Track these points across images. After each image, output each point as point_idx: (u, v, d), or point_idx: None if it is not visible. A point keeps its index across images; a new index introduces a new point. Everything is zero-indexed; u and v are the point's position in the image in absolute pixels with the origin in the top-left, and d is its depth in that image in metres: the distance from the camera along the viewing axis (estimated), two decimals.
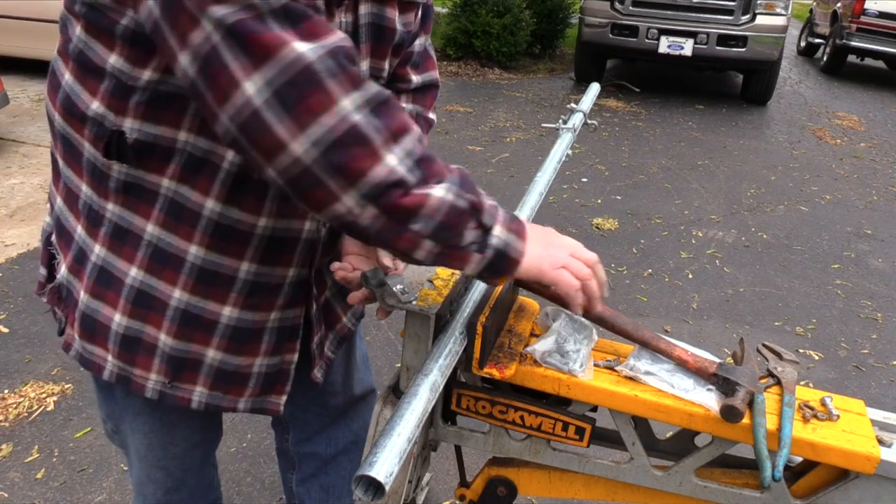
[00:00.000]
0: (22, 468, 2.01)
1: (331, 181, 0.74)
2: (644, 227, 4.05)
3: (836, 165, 5.59)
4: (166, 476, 1.20)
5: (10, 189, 3.92)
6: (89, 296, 0.98)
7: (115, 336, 0.99)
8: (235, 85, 0.71)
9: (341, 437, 1.41)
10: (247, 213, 0.93)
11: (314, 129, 0.72)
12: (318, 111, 0.72)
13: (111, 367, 1.01)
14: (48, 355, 2.49)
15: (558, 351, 1.04)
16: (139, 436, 1.14)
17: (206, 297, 0.97)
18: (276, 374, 1.08)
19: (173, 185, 0.90)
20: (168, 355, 1.00)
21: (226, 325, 1.00)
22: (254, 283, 0.99)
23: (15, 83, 5.92)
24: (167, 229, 0.92)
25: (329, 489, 1.44)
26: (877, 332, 3.10)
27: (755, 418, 0.98)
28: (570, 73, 8.41)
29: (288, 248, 0.99)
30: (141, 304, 0.97)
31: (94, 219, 0.94)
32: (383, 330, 2.79)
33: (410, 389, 0.82)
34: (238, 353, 1.03)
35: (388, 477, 0.68)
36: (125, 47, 0.82)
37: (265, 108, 0.71)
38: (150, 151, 0.88)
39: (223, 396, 1.05)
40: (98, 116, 0.87)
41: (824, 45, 10.29)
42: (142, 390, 1.02)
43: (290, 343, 1.08)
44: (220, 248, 0.94)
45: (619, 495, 1.15)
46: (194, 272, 0.95)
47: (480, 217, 0.83)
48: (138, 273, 0.95)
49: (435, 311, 1.01)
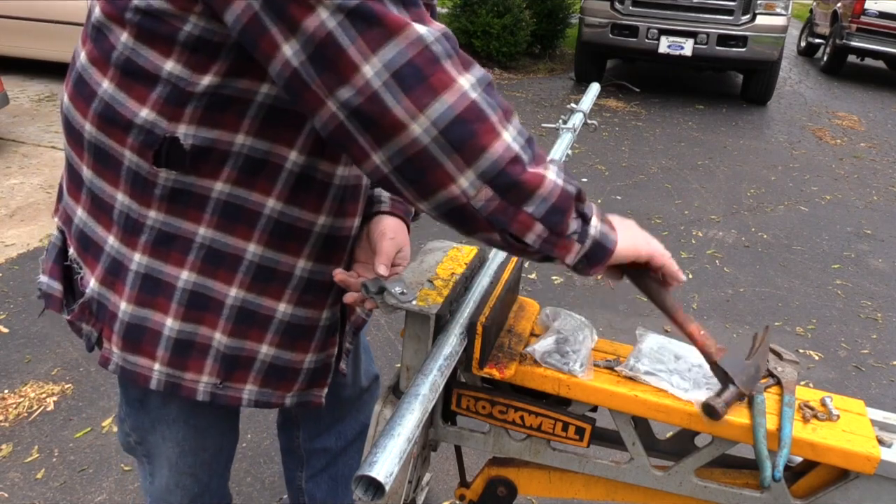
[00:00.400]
0: (22, 468, 2.01)
1: (448, 161, 0.74)
2: (644, 227, 4.04)
3: (836, 165, 5.59)
4: (194, 482, 1.21)
5: (10, 189, 3.92)
6: (134, 305, 0.96)
7: (168, 342, 0.98)
8: (354, 68, 0.71)
9: (350, 429, 1.42)
10: (308, 211, 0.94)
11: (436, 106, 0.71)
12: (438, 90, 0.72)
13: (158, 376, 1.00)
14: (48, 355, 2.49)
15: (558, 351, 1.04)
16: (171, 444, 1.14)
17: (262, 294, 0.98)
18: (323, 368, 1.11)
19: (227, 188, 0.90)
20: (222, 354, 1.00)
21: (280, 321, 1.01)
22: (308, 281, 1.00)
23: (15, 83, 5.92)
24: (222, 230, 0.92)
25: (338, 479, 1.46)
26: (877, 332, 3.10)
27: (755, 418, 0.97)
28: (570, 73, 8.41)
29: (341, 246, 1.01)
30: (195, 306, 0.96)
31: (132, 227, 0.93)
32: (383, 330, 2.79)
33: (410, 389, 0.81)
34: (291, 349, 1.04)
35: (388, 477, 0.68)
36: (185, 53, 0.81)
37: (384, 89, 0.71)
38: (205, 156, 0.87)
39: (272, 392, 1.07)
40: (147, 124, 0.85)
41: (824, 45, 10.29)
42: (193, 394, 1.02)
43: (332, 338, 1.10)
44: (279, 245, 0.95)
45: (619, 495, 1.15)
46: (252, 270, 0.95)
47: (582, 206, 0.84)
48: (190, 275, 0.94)
49: (435, 311, 1.01)
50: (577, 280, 3.37)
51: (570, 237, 0.83)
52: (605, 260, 0.89)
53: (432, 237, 1.51)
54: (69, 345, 2.53)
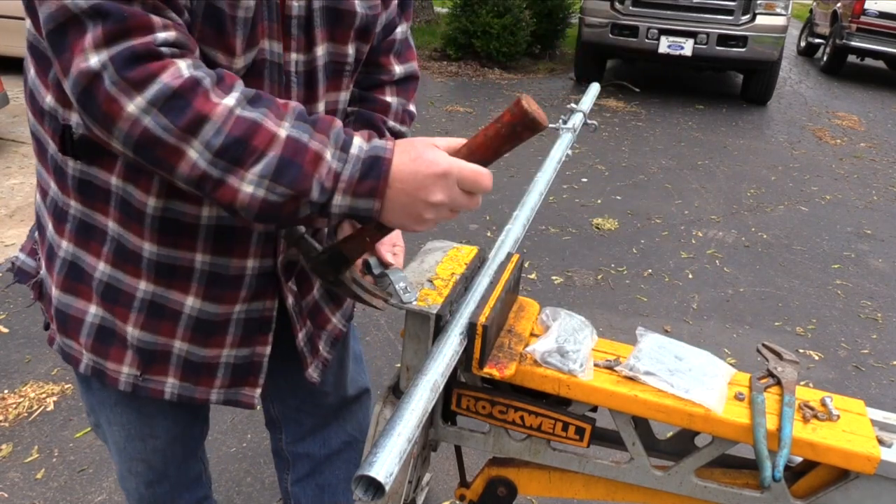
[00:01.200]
0: (22, 468, 2.01)
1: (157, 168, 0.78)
2: (644, 227, 4.05)
3: (836, 165, 5.59)
4: (147, 469, 1.20)
5: (10, 189, 3.92)
6: (61, 291, 1.00)
7: (90, 328, 1.00)
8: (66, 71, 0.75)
9: (335, 437, 1.41)
10: (189, 204, 0.93)
11: (117, 131, 0.75)
12: (114, 119, 0.74)
13: (86, 360, 1.03)
14: (48, 355, 2.49)
15: (558, 351, 1.04)
16: (117, 427, 1.15)
17: (170, 288, 0.98)
18: (248, 367, 1.08)
19: (121, 183, 0.91)
20: (137, 347, 1.01)
21: (189, 316, 1.00)
22: (211, 274, 0.99)
23: (15, 83, 5.92)
24: (122, 226, 0.94)
25: (324, 488, 1.45)
26: (877, 332, 3.10)
27: (755, 418, 0.98)
28: (570, 73, 8.41)
29: (239, 239, 0.98)
30: (110, 298, 0.98)
31: (60, 215, 0.96)
32: (383, 330, 2.79)
33: (410, 389, 0.81)
34: (204, 345, 1.04)
35: (388, 477, 0.68)
36: None
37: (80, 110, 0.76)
38: (95, 147, 0.88)
39: (194, 388, 1.06)
40: (52, 110, 0.88)
41: (824, 45, 10.29)
42: (116, 383, 1.04)
43: (261, 336, 1.07)
44: (171, 242, 0.95)
45: (619, 495, 1.15)
46: (153, 267, 0.96)
47: (309, 198, 0.79)
48: (105, 267, 0.97)
49: (435, 311, 1.01)
50: (577, 280, 3.37)
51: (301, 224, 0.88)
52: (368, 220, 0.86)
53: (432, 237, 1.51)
54: None
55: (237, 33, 0.83)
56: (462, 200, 0.83)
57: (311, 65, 0.93)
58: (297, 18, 0.89)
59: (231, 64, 0.85)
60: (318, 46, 0.93)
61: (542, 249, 3.67)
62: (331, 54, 0.96)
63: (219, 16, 0.81)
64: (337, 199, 0.81)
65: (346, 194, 0.81)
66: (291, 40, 0.89)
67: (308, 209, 0.80)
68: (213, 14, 0.81)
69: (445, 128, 5.75)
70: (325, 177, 0.79)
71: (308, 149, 0.78)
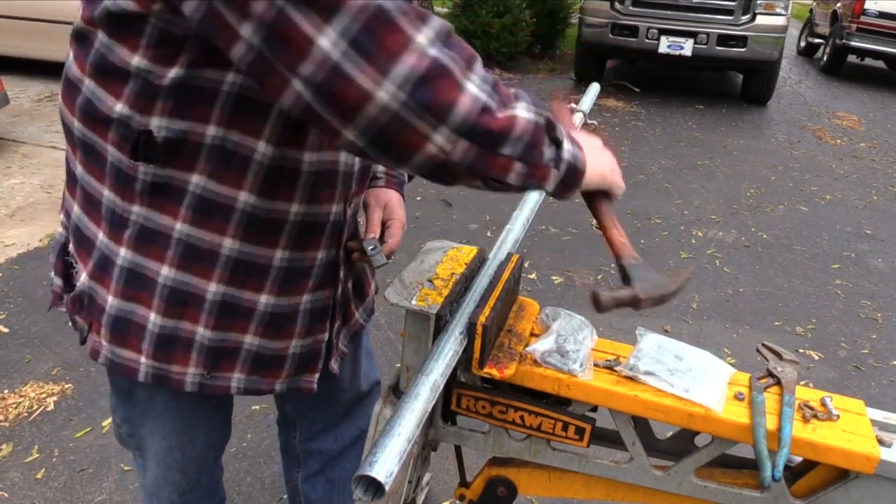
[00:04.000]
0: (22, 468, 2.01)
1: (420, 121, 0.72)
2: (644, 227, 4.04)
3: (836, 165, 5.59)
4: (183, 477, 1.21)
5: (10, 189, 3.92)
6: (120, 299, 0.98)
7: (151, 336, 0.99)
8: (309, 42, 0.68)
9: (347, 432, 1.42)
10: (280, 201, 0.94)
11: (398, 70, 0.69)
12: (397, 52, 0.69)
13: (146, 369, 1.01)
14: (48, 355, 2.49)
15: (558, 351, 1.04)
16: (158, 438, 1.15)
17: (243, 288, 0.99)
18: (310, 354, 1.11)
19: (202, 181, 0.90)
20: (207, 347, 1.01)
21: (263, 313, 1.01)
22: (288, 270, 1.00)
23: (15, 83, 5.92)
24: (197, 226, 0.93)
25: (335, 482, 1.46)
26: (877, 332, 3.10)
27: (755, 418, 0.97)
28: (570, 73, 8.40)
29: (318, 232, 1.01)
30: (176, 302, 0.97)
31: (117, 222, 0.94)
32: (383, 330, 2.79)
33: (410, 389, 0.81)
34: (275, 338, 1.05)
35: (388, 477, 0.68)
36: (150, 48, 0.82)
37: (344, 59, 0.68)
38: (178, 149, 0.88)
39: (261, 380, 1.08)
40: (123, 118, 0.86)
41: (824, 45, 10.29)
42: (181, 385, 1.03)
43: (320, 324, 1.11)
44: (255, 238, 0.95)
45: (618, 495, 1.15)
46: (229, 265, 0.96)
47: (554, 132, 0.84)
48: (170, 271, 0.95)
49: (435, 311, 1.01)
50: (577, 280, 3.37)
51: (546, 165, 0.84)
52: (580, 180, 0.90)
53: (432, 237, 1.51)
54: (69, 345, 2.53)
55: None
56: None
57: None
58: None
59: None
60: None
61: (542, 249, 3.67)
62: None
63: None
64: (566, 144, 0.86)
65: (568, 141, 0.86)
66: None
67: (549, 149, 0.84)
68: None
69: None
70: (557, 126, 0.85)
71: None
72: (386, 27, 0.69)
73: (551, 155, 0.84)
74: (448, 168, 0.77)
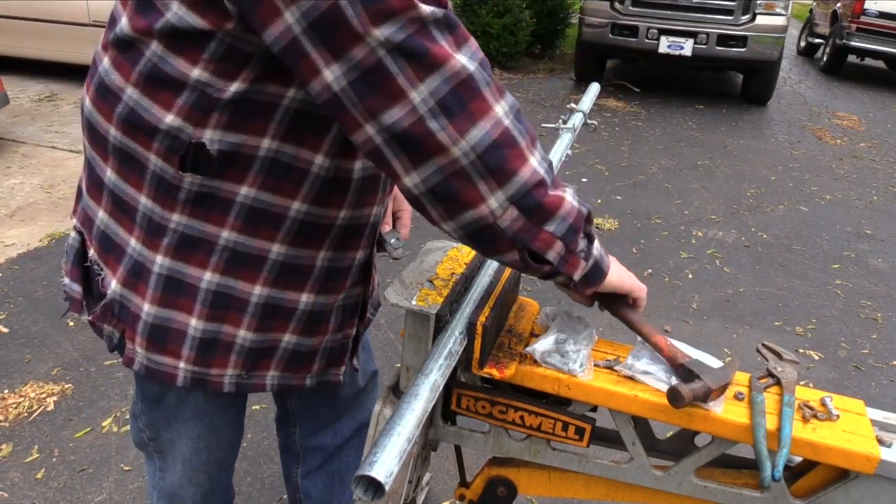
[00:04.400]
0: (22, 468, 2.01)
1: (482, 181, 0.79)
2: (644, 227, 4.05)
3: (836, 165, 5.59)
4: (207, 478, 1.23)
5: (10, 189, 3.92)
6: (158, 306, 0.97)
7: (192, 341, 0.99)
8: (401, 95, 0.74)
9: (346, 427, 1.43)
10: (332, 209, 0.96)
11: (474, 132, 0.77)
12: (477, 117, 0.77)
13: (184, 373, 1.02)
14: (48, 355, 2.49)
15: (558, 351, 1.04)
16: (186, 440, 1.16)
17: (286, 289, 1.00)
18: (340, 349, 1.14)
19: (253, 192, 0.90)
20: (247, 349, 1.02)
21: (303, 311, 1.03)
22: (329, 269, 1.02)
23: (15, 83, 5.92)
24: (246, 233, 0.93)
25: (334, 476, 1.47)
26: (877, 332, 3.10)
27: (755, 418, 0.97)
28: (570, 73, 8.41)
29: (359, 233, 1.04)
30: (219, 306, 0.98)
31: (154, 230, 0.93)
32: (383, 330, 2.79)
33: (410, 389, 0.81)
34: (311, 335, 1.07)
35: (387, 477, 0.68)
36: (213, 62, 0.81)
37: (430, 115, 0.75)
38: (231, 161, 0.88)
39: (294, 375, 1.10)
40: (173, 130, 0.85)
41: (824, 45, 10.29)
42: (219, 387, 1.04)
43: (350, 319, 1.13)
44: (303, 242, 0.97)
45: (618, 495, 1.15)
46: (276, 268, 0.97)
47: (590, 227, 0.91)
48: (213, 276, 0.95)
49: (435, 311, 1.01)
50: None
51: (578, 254, 0.89)
52: (600, 281, 0.96)
53: (432, 237, 1.51)
54: (69, 345, 2.53)
55: None
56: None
57: None
58: None
59: None
60: None
61: None
62: None
63: None
64: (596, 243, 0.93)
65: (598, 241, 0.94)
66: None
67: (583, 241, 0.90)
68: None
69: None
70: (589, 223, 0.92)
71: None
72: (472, 93, 0.77)
73: (583, 246, 0.90)
74: (494, 233, 0.83)
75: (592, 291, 0.97)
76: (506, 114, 0.79)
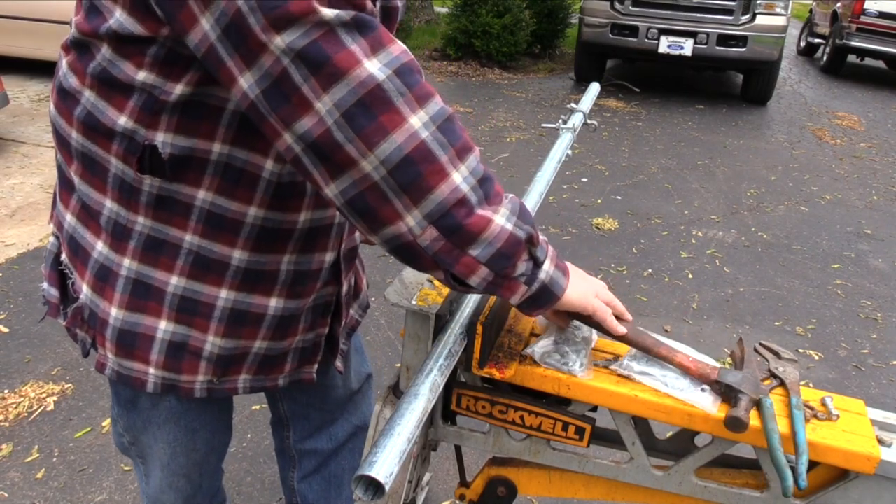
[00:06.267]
0: (22, 468, 2.01)
1: (396, 199, 0.75)
2: (644, 227, 4.04)
3: (836, 165, 5.59)
4: (187, 483, 1.21)
5: (10, 189, 3.92)
6: (126, 310, 0.97)
7: (161, 345, 0.99)
8: (307, 105, 0.72)
9: (341, 430, 1.42)
10: (290, 213, 0.95)
11: (384, 146, 0.73)
12: (388, 129, 0.73)
13: (154, 379, 1.01)
14: (48, 355, 2.49)
15: (558, 351, 1.04)
16: (162, 445, 1.15)
17: (253, 293, 0.99)
18: (311, 348, 1.13)
19: (210, 197, 0.90)
20: (217, 356, 1.01)
21: (272, 316, 1.02)
22: (296, 273, 1.01)
23: (15, 83, 5.92)
24: (208, 238, 0.93)
25: (330, 480, 1.46)
26: (877, 332, 3.09)
27: (767, 424, 0.95)
28: (570, 73, 8.41)
29: (324, 235, 1.02)
30: (186, 310, 0.97)
31: (120, 233, 0.93)
32: (383, 330, 2.79)
33: (410, 389, 0.81)
34: (282, 338, 1.06)
35: (387, 477, 0.68)
36: (157, 65, 0.82)
37: (335, 127, 0.72)
38: (185, 165, 0.87)
39: (266, 377, 1.09)
40: (128, 132, 0.86)
41: (824, 45, 10.29)
42: (190, 393, 1.03)
43: (322, 318, 1.12)
44: (265, 248, 0.96)
45: (619, 495, 1.15)
46: (239, 274, 0.96)
47: (535, 250, 0.85)
48: (180, 280, 0.95)
49: (435, 311, 1.01)
50: None
51: (516, 279, 0.85)
52: (551, 304, 0.91)
53: None
54: (69, 345, 2.53)
55: None
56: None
57: None
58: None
59: None
60: None
61: None
62: None
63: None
64: (546, 266, 0.87)
65: (551, 263, 0.88)
66: None
67: (525, 264, 0.85)
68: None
69: None
70: (542, 245, 0.87)
71: (531, 220, 0.85)
72: (381, 104, 0.72)
73: (524, 270, 0.84)
74: (415, 252, 0.79)
75: (540, 314, 0.93)
76: (424, 126, 0.74)
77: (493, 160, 5.03)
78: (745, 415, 0.94)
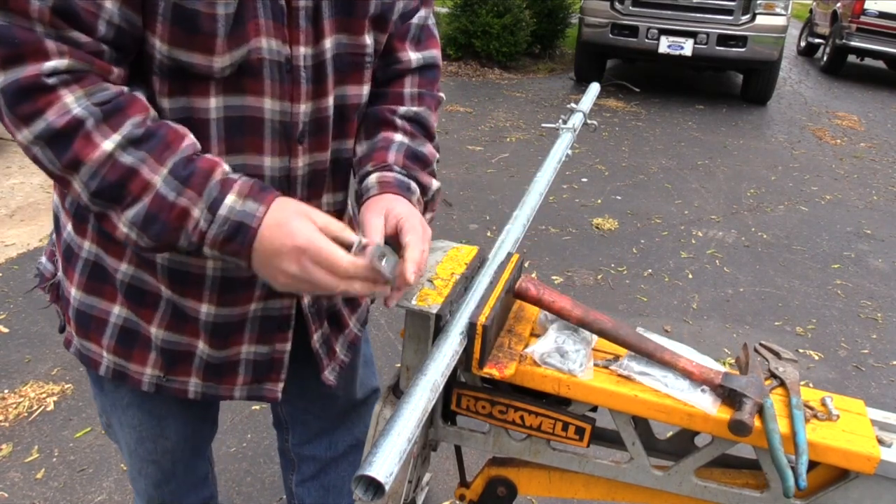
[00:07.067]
0: (22, 468, 2.01)
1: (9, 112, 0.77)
2: (644, 227, 4.05)
3: (836, 165, 5.59)
4: (157, 470, 1.21)
5: (10, 189, 3.92)
6: (83, 292, 0.99)
7: (113, 329, 1.00)
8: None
9: (341, 440, 1.41)
10: None
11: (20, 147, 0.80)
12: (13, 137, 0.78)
13: (107, 363, 1.03)
14: (48, 355, 2.49)
15: (558, 351, 1.04)
16: (129, 429, 1.15)
17: (185, 296, 0.99)
18: (269, 363, 1.09)
19: None
20: (161, 348, 1.01)
21: (205, 322, 1.01)
22: (224, 279, 0.99)
23: None
24: None
25: (329, 489, 1.44)
26: (877, 332, 3.10)
27: (768, 424, 0.95)
28: (570, 73, 8.41)
29: None
30: (134, 298, 0.98)
31: (80, 215, 0.96)
32: (383, 330, 2.79)
33: (410, 389, 0.81)
34: (223, 347, 1.04)
35: (387, 477, 0.68)
36: None
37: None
38: None
39: (218, 386, 1.08)
40: None
41: (824, 45, 10.29)
42: (139, 384, 1.04)
43: (280, 333, 1.08)
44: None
45: (619, 495, 1.15)
46: (166, 272, 0.97)
47: (178, 246, 0.83)
48: (128, 267, 0.97)
49: (435, 311, 1.01)
50: (577, 280, 3.37)
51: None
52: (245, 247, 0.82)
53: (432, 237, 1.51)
54: None
55: (217, 32, 0.81)
56: (319, 276, 0.81)
57: (319, 58, 0.91)
58: (305, 9, 0.87)
59: (211, 64, 0.83)
60: (327, 39, 0.91)
61: (542, 249, 3.67)
62: (345, 45, 0.94)
63: (191, 16, 0.79)
64: (206, 251, 0.84)
65: (213, 248, 0.83)
66: (300, 33, 0.88)
67: (184, 252, 0.85)
68: (183, 15, 0.79)
69: (446, 128, 5.75)
70: (192, 232, 0.81)
71: (174, 206, 0.80)
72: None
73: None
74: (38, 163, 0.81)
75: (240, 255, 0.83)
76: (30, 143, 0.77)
77: (493, 160, 5.03)
78: (750, 418, 0.94)
